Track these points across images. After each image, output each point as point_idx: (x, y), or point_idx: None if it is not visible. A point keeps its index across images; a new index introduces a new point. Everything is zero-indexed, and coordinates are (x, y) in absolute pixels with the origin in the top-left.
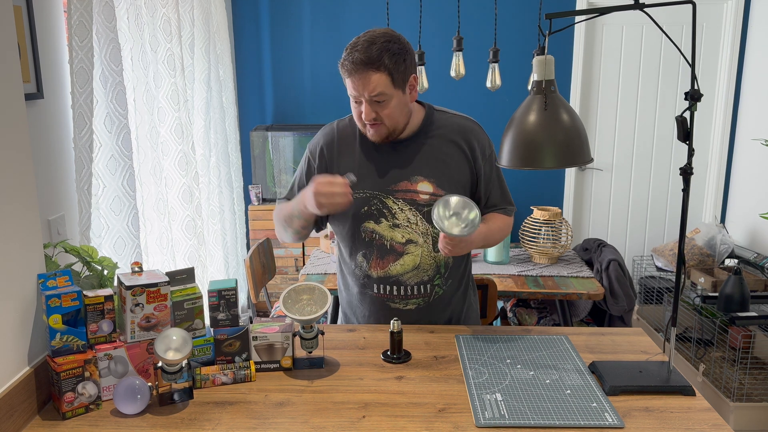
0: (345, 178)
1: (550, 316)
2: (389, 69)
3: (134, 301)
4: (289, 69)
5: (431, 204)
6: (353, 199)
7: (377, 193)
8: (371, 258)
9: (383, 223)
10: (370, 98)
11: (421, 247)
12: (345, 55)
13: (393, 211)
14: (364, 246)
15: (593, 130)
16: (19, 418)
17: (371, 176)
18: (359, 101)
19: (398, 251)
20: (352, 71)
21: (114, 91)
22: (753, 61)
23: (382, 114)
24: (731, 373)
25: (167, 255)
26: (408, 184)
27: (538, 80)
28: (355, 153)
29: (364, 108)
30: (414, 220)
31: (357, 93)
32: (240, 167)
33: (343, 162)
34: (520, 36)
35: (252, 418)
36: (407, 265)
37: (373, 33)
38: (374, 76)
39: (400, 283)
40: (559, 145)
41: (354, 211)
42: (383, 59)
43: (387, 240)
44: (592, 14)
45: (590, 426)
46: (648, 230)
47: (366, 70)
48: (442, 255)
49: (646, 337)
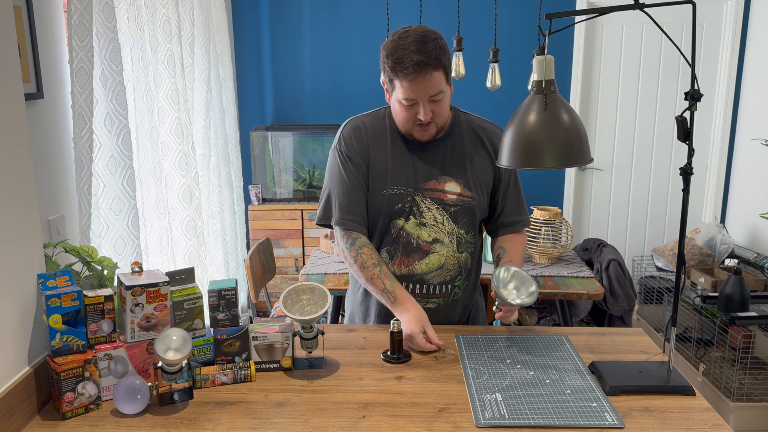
0: (441, 351)
1: (550, 316)
2: (444, 65)
3: (134, 301)
4: (289, 69)
5: (458, 204)
6: (386, 195)
7: (410, 191)
8: (396, 254)
9: (411, 221)
10: (429, 99)
11: (446, 246)
12: (396, 59)
13: (421, 209)
14: (391, 242)
15: (593, 130)
16: (19, 418)
17: (404, 173)
18: (414, 103)
19: (424, 250)
20: (416, 74)
21: (114, 91)
22: (753, 61)
23: (436, 112)
24: (731, 373)
25: (167, 255)
26: (436, 184)
27: (538, 80)
28: (387, 150)
29: (423, 109)
30: (441, 220)
31: (418, 95)
32: (240, 167)
33: (377, 158)
34: (520, 36)
35: (252, 418)
36: (432, 264)
37: (416, 32)
38: (435, 76)
39: (423, 281)
40: (559, 145)
41: (386, 208)
42: (440, 57)
43: (414, 238)
44: (592, 14)
45: (590, 426)
46: (648, 230)
47: (429, 71)
48: (465, 256)
49: (646, 337)
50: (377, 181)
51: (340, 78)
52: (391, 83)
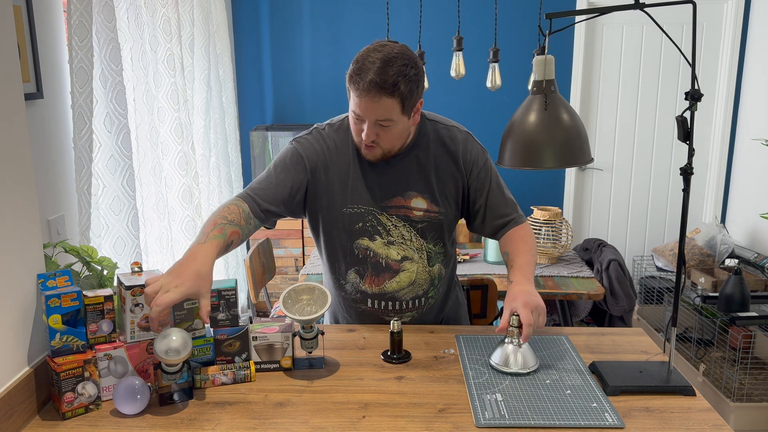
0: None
1: (550, 316)
2: (402, 96)
3: (134, 301)
4: (289, 69)
5: (425, 220)
6: (345, 214)
7: (371, 209)
8: (365, 275)
9: (377, 240)
10: (376, 122)
11: (416, 263)
12: (356, 70)
13: (387, 227)
14: (358, 263)
15: (593, 130)
16: (19, 418)
17: (365, 191)
18: (361, 120)
19: (394, 269)
20: (363, 92)
21: (114, 91)
22: (753, 61)
23: (382, 137)
24: (731, 373)
25: (167, 255)
26: (402, 200)
27: (538, 80)
28: (348, 167)
29: (366, 129)
30: (408, 236)
31: (362, 114)
32: (240, 167)
33: (335, 174)
34: (520, 36)
35: (252, 418)
36: (403, 282)
37: (390, 51)
38: (386, 102)
39: (395, 299)
40: (559, 145)
41: (347, 227)
42: (398, 85)
43: (382, 258)
44: (592, 14)
45: (590, 426)
46: (648, 230)
47: (379, 94)
48: (436, 268)
49: (646, 337)
50: (336, 197)
51: (340, 78)
52: (348, 90)
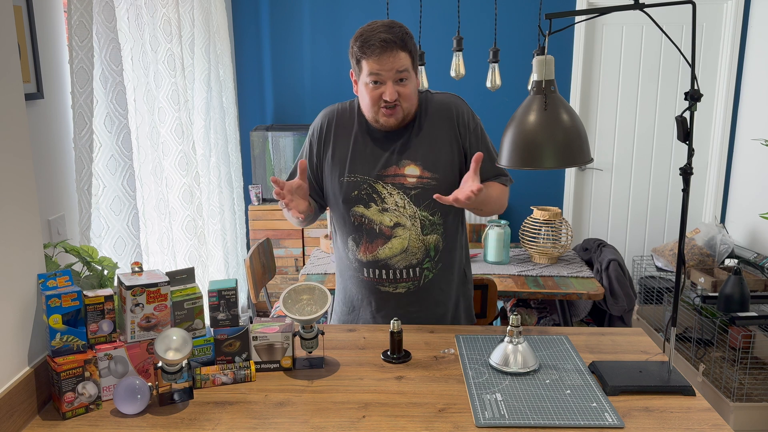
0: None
1: (550, 316)
2: (411, 50)
3: (134, 301)
4: (289, 69)
5: (418, 187)
6: (343, 182)
7: (367, 178)
8: (360, 242)
9: (372, 208)
10: (396, 77)
11: (408, 230)
12: (363, 40)
13: (382, 195)
14: (354, 230)
15: (593, 130)
16: (19, 418)
17: (363, 162)
18: (381, 82)
19: (386, 234)
20: (382, 50)
21: (114, 91)
22: (753, 61)
23: (403, 94)
24: (731, 373)
25: (167, 255)
26: (396, 169)
27: (538, 80)
28: (350, 138)
29: (389, 88)
30: (402, 204)
31: (383, 72)
32: (240, 167)
33: (339, 146)
34: (520, 36)
35: (252, 418)
36: (395, 249)
37: (382, 21)
38: (401, 55)
39: (388, 266)
40: (559, 145)
41: (344, 196)
42: (406, 40)
43: (376, 224)
44: (592, 14)
45: (590, 426)
46: (648, 230)
47: (395, 50)
48: (432, 238)
49: (646, 337)
50: (336, 169)
51: (340, 78)
52: (357, 65)
